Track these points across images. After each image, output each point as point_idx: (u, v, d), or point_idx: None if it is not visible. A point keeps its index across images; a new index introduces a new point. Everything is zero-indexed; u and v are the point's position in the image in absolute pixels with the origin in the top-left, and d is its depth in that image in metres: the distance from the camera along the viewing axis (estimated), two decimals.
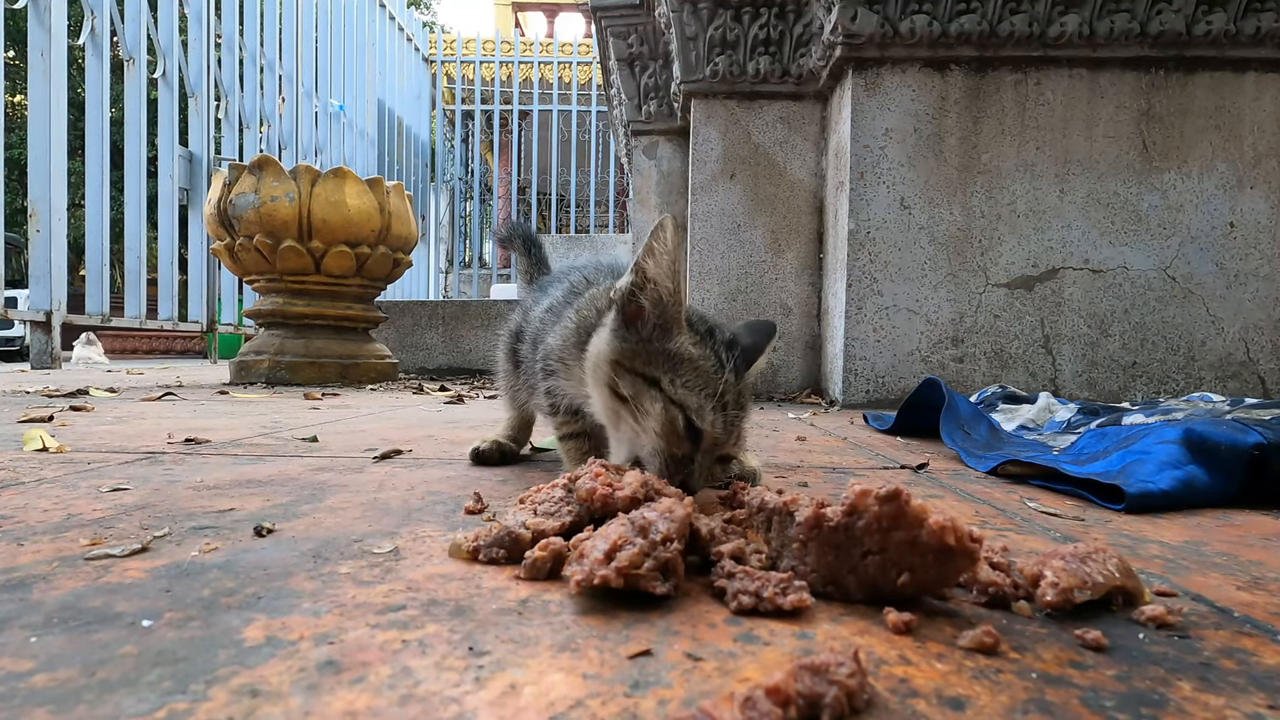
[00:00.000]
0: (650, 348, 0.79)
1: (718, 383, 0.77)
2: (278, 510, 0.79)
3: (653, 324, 0.79)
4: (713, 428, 0.77)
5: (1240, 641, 0.47)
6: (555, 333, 0.94)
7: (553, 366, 0.93)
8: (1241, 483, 0.95)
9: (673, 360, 0.78)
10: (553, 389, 0.95)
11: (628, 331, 0.80)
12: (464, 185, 10.38)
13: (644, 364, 0.79)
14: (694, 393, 0.77)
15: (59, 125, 4.53)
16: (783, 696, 0.35)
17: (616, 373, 0.79)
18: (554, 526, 0.64)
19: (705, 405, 0.76)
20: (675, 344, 0.79)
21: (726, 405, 0.78)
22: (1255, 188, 2.47)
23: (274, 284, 3.49)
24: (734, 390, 0.79)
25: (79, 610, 0.48)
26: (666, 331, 0.79)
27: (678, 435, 0.76)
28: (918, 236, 2.53)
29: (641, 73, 3.74)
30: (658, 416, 0.76)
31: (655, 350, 0.79)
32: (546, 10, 13.43)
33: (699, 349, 0.80)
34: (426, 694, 0.38)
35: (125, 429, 1.55)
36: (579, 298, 1.02)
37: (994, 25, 2.46)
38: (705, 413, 0.76)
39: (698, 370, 0.78)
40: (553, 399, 0.96)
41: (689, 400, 0.76)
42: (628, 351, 0.80)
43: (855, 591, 0.53)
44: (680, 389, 0.77)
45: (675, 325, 0.79)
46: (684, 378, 0.77)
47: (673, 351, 0.79)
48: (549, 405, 0.97)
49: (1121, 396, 2.49)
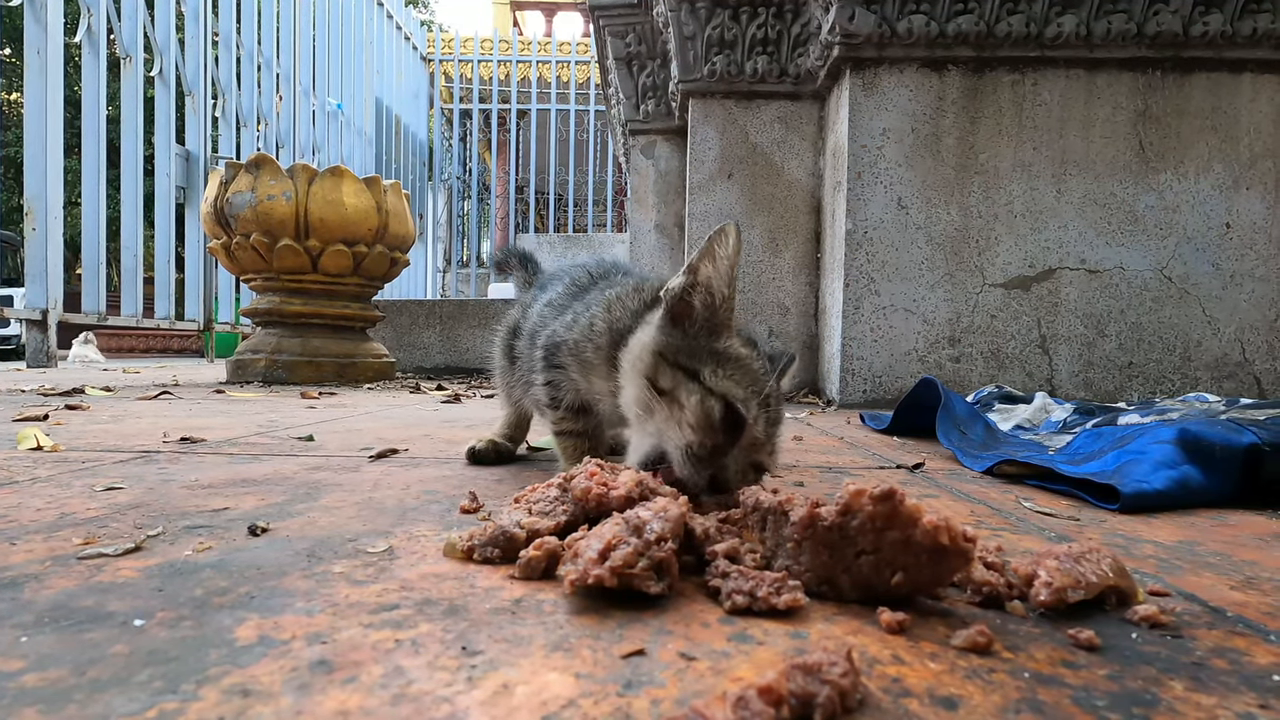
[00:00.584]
0: (695, 344, 0.80)
1: (763, 382, 0.78)
2: (272, 509, 0.79)
3: (700, 323, 0.81)
4: (755, 421, 0.76)
5: (1233, 641, 0.47)
6: (569, 324, 0.94)
7: (561, 359, 0.92)
8: (1236, 483, 0.95)
9: (718, 356, 0.79)
10: (557, 381, 0.94)
11: (673, 329, 0.81)
12: (462, 184, 10.36)
13: (687, 358, 0.79)
14: (739, 385, 0.77)
15: (55, 123, 4.51)
16: (775, 696, 0.35)
17: (658, 364, 0.79)
18: (549, 526, 0.63)
19: (751, 398, 0.76)
20: (722, 344, 0.80)
21: (769, 406, 0.78)
22: (1251, 189, 2.48)
23: (271, 283, 3.48)
24: (776, 397, 0.80)
25: (71, 609, 0.48)
26: (715, 333, 0.81)
27: (712, 426, 0.75)
28: (915, 236, 2.53)
29: (639, 72, 3.74)
30: (693, 408, 0.75)
31: (700, 347, 0.80)
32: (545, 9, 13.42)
33: (746, 350, 0.81)
34: (419, 693, 0.38)
35: (121, 428, 1.55)
36: (584, 293, 1.02)
37: (991, 26, 2.46)
38: (751, 404, 0.76)
39: (743, 367, 0.79)
40: (555, 391, 0.95)
41: (733, 390, 0.76)
42: (672, 346, 0.80)
43: (849, 591, 0.53)
44: (724, 380, 0.77)
45: (724, 328, 0.81)
46: (728, 370, 0.78)
47: (719, 350, 0.80)
48: (549, 398, 0.96)
49: (1118, 396, 2.49)
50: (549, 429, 1.03)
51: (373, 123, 8.67)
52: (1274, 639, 0.48)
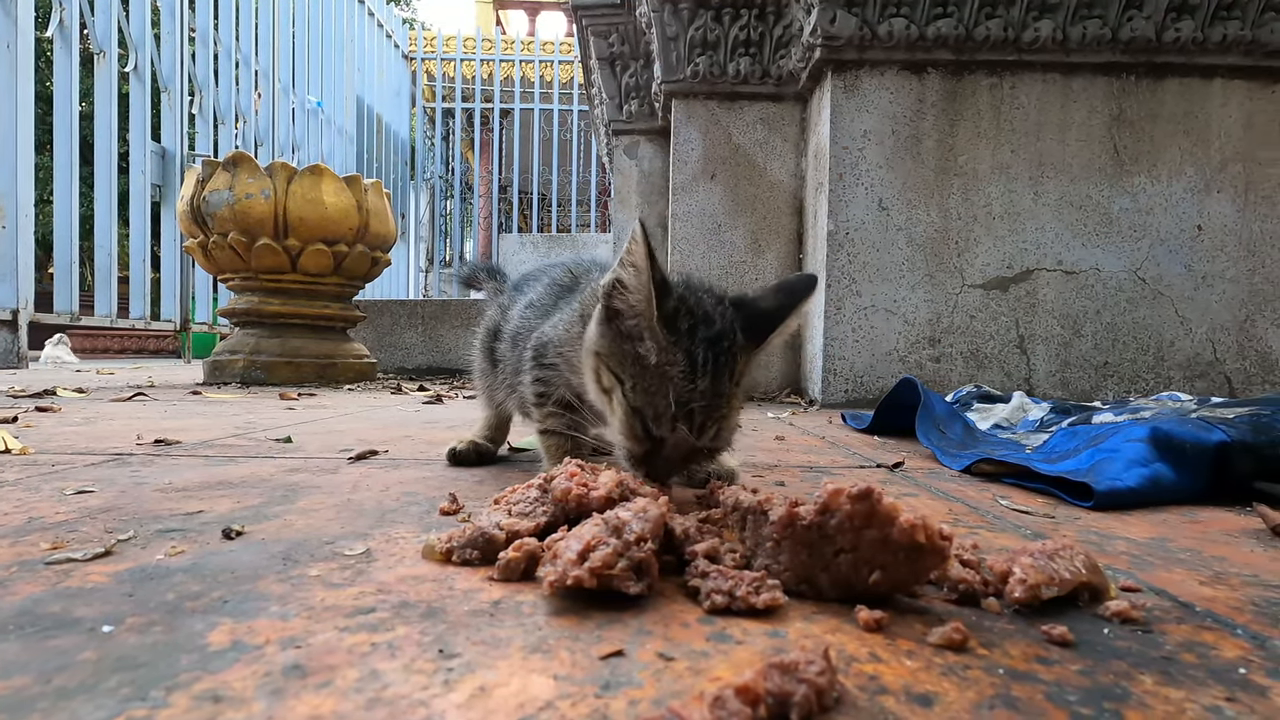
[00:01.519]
0: (622, 348, 0.78)
1: (684, 389, 0.75)
2: (248, 512, 0.78)
3: (629, 324, 0.79)
4: (673, 433, 0.75)
5: (1201, 636, 0.48)
6: (555, 323, 0.94)
7: (550, 359, 0.93)
8: (1206, 480, 0.97)
9: (638, 364, 0.77)
10: (548, 379, 0.94)
11: (608, 327, 0.80)
12: (444, 184, 10.29)
13: (616, 363, 0.79)
14: (653, 399, 0.76)
15: (25, 119, 4.42)
16: (752, 695, 0.35)
17: (598, 365, 0.80)
18: (529, 527, 0.63)
19: (664, 414, 0.75)
20: (644, 348, 0.77)
21: (694, 411, 0.76)
22: (1222, 191, 2.53)
23: (249, 282, 3.43)
24: (709, 394, 0.76)
25: (37, 616, 0.47)
26: (639, 337, 0.78)
27: (636, 436, 0.77)
28: (895, 238, 2.56)
29: (623, 72, 3.74)
30: (620, 417, 0.78)
31: (626, 352, 0.78)
32: (528, 8, 13.37)
33: (668, 353, 0.76)
34: (394, 697, 0.37)
35: (93, 430, 1.52)
36: (568, 291, 1.01)
37: (970, 29, 2.49)
38: (663, 421, 0.75)
39: (662, 376, 0.76)
40: (544, 388, 0.95)
41: (645, 408, 0.76)
42: (605, 348, 0.80)
43: (828, 590, 0.53)
44: (639, 395, 0.76)
45: (647, 331, 0.78)
46: (645, 383, 0.76)
47: (639, 355, 0.77)
48: (536, 396, 0.96)
49: (1093, 395, 2.53)
50: (534, 428, 1.02)
51: (354, 121, 8.58)
52: (1241, 633, 0.49)
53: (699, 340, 0.77)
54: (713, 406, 0.77)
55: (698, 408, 0.76)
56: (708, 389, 0.76)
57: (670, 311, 0.78)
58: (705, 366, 0.76)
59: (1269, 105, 2.52)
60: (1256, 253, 2.52)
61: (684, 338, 0.77)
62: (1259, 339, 2.52)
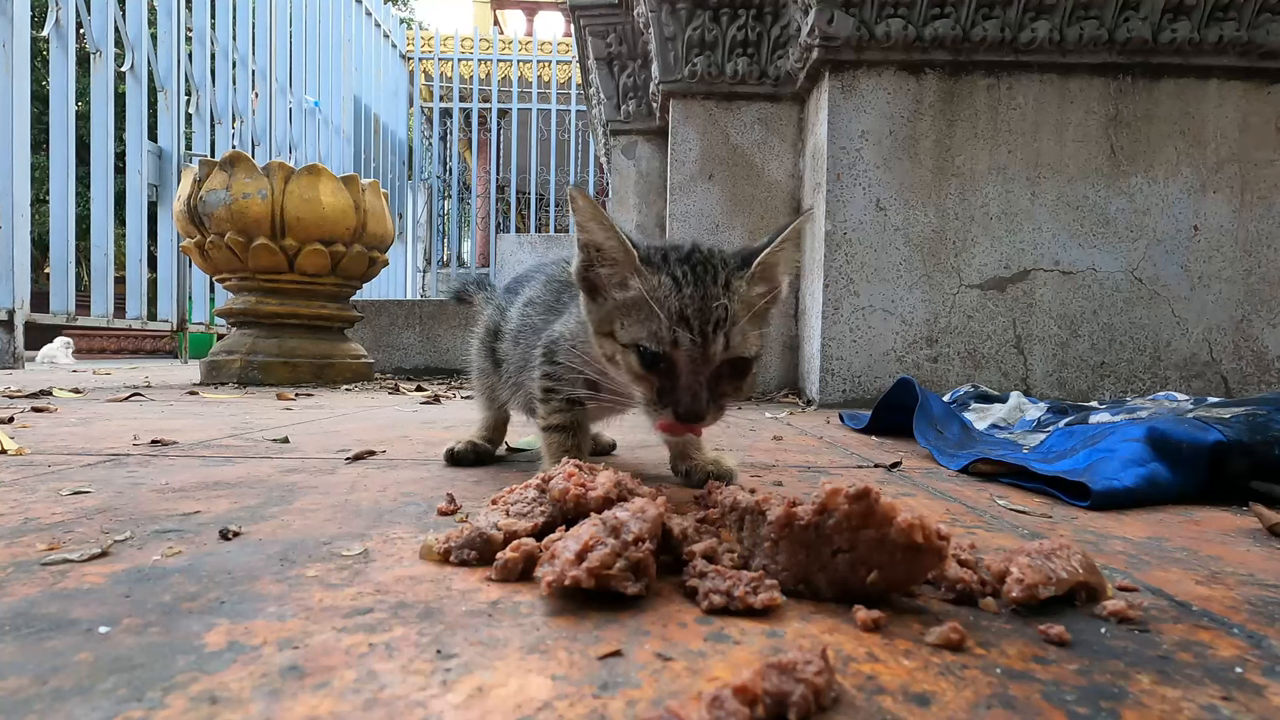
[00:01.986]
0: (608, 307, 0.81)
1: (674, 300, 0.75)
2: (245, 513, 0.78)
3: (614, 285, 0.80)
4: (675, 346, 0.75)
5: (1198, 635, 0.48)
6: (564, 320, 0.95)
7: (561, 355, 0.93)
8: (1202, 480, 0.97)
9: (624, 307, 0.79)
10: (559, 374, 0.94)
11: (594, 305, 0.83)
12: (442, 183, 10.27)
13: (607, 324, 0.81)
14: (642, 324, 0.76)
15: (22, 119, 4.40)
16: (750, 695, 0.35)
17: (599, 341, 0.82)
18: (526, 527, 0.63)
19: (660, 329, 0.75)
20: (627, 291, 0.79)
21: (688, 318, 0.75)
22: (1218, 192, 2.54)
23: (246, 282, 3.42)
24: (697, 298, 0.76)
25: (32, 617, 0.47)
26: (623, 284, 0.80)
27: (640, 374, 0.77)
28: (893, 238, 2.56)
29: (620, 72, 3.74)
30: (624, 365, 0.78)
31: (612, 308, 0.80)
32: (526, 8, 13.37)
33: (650, 280, 0.78)
34: (391, 698, 0.37)
35: (89, 430, 1.51)
36: (568, 287, 1.01)
37: (967, 30, 2.49)
38: (660, 335, 0.75)
39: (651, 300, 0.76)
40: (554, 383, 0.95)
41: (638, 333, 0.76)
42: (597, 320, 0.82)
43: (826, 590, 0.53)
44: (629, 328, 0.77)
45: (628, 270, 0.79)
46: (633, 316, 0.77)
47: (623, 300, 0.79)
48: (543, 392, 0.96)
49: (1090, 395, 2.54)
50: (538, 425, 1.01)
51: (351, 121, 8.57)
52: (1237, 632, 0.49)
53: (674, 262, 0.79)
54: (707, 310, 0.75)
55: (691, 313, 0.75)
56: (693, 294, 0.76)
57: (645, 251, 0.80)
58: (687, 278, 0.77)
59: (1265, 106, 2.53)
60: (1252, 253, 2.53)
61: (661, 266, 0.79)
62: (1255, 339, 2.53)
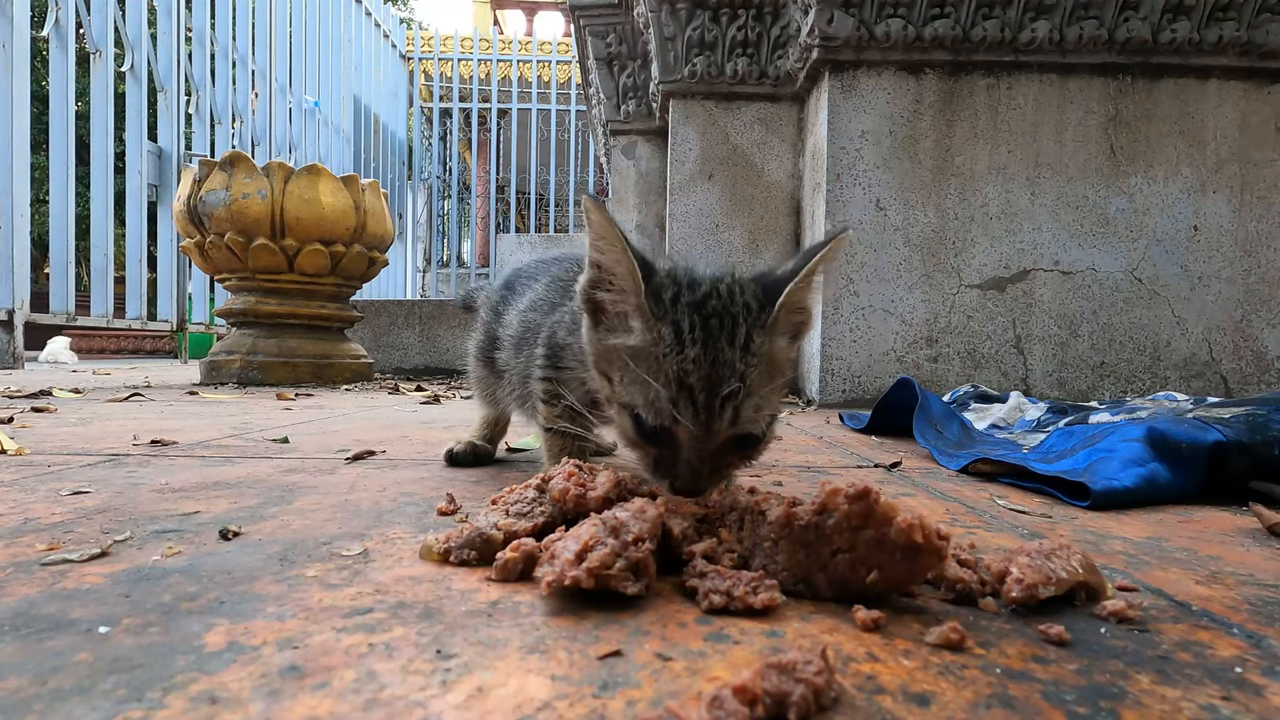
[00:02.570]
0: (608, 344, 0.71)
1: (676, 364, 0.64)
2: (245, 513, 0.78)
3: (616, 315, 0.71)
4: (676, 423, 0.64)
5: (1197, 635, 0.48)
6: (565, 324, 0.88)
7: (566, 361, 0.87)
8: (1202, 480, 0.97)
9: (623, 355, 0.68)
10: (561, 379, 0.89)
11: (595, 333, 0.73)
12: (442, 184, 10.28)
13: (606, 365, 0.71)
14: (640, 386, 0.65)
15: (21, 119, 4.40)
16: (749, 695, 0.35)
17: (599, 381, 0.73)
18: (526, 527, 0.63)
19: (659, 399, 0.64)
20: (629, 335, 0.69)
21: (692, 389, 0.64)
22: (1218, 192, 2.54)
23: (246, 282, 3.42)
24: (706, 363, 0.64)
25: (32, 617, 0.47)
26: (625, 324, 0.69)
27: (632, 439, 0.69)
28: (893, 238, 2.56)
29: (620, 72, 3.74)
30: (618, 424, 0.70)
31: (610, 347, 0.70)
32: (525, 8, 13.37)
33: (650, 330, 0.66)
34: (391, 698, 0.37)
35: (89, 430, 1.51)
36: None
37: (967, 30, 2.49)
38: (659, 406, 0.64)
39: (648, 357, 0.65)
40: (555, 388, 0.90)
41: (635, 398, 0.66)
42: (595, 353, 0.73)
43: (825, 590, 0.53)
44: (626, 386, 0.67)
45: (634, 311, 0.68)
46: (631, 372, 0.66)
47: (620, 344, 0.69)
48: (546, 395, 0.91)
49: (1090, 395, 2.54)
50: (539, 426, 0.98)
51: (350, 121, 8.57)
52: (1237, 632, 0.49)
53: (684, 308, 0.67)
54: (716, 379, 0.64)
55: (696, 383, 0.64)
56: (700, 357, 0.64)
57: (657, 284, 0.68)
58: (695, 333, 0.65)
59: (1264, 106, 2.53)
60: (1252, 253, 2.53)
61: (668, 308, 0.67)
62: (1254, 339, 2.53)
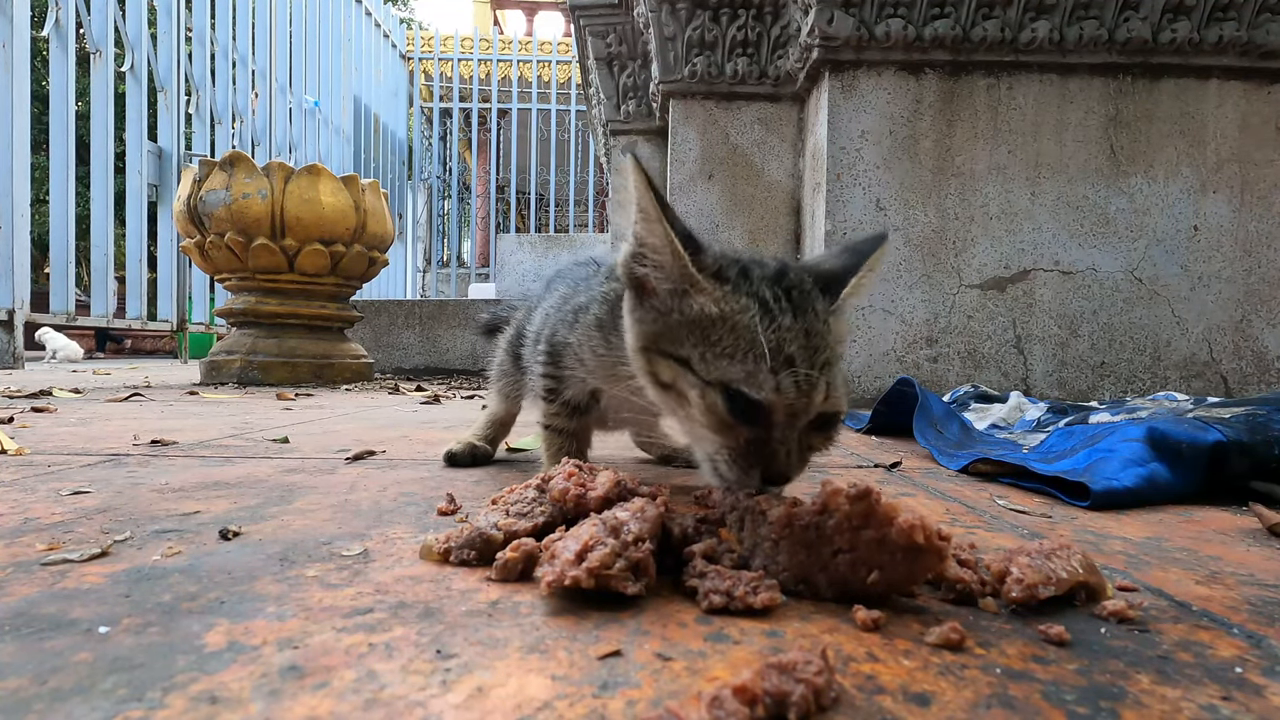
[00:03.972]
0: (670, 320, 0.65)
1: (771, 332, 0.60)
2: (245, 513, 0.78)
3: (667, 291, 0.66)
4: (778, 394, 0.59)
5: (1197, 635, 0.48)
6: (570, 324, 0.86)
7: (566, 361, 0.87)
8: (1202, 480, 0.97)
9: (699, 327, 0.63)
10: (561, 376, 0.89)
11: (644, 310, 0.68)
12: (442, 183, 10.28)
13: (670, 343, 0.65)
14: (735, 360, 0.60)
15: (21, 119, 4.41)
16: (750, 695, 0.35)
17: (650, 361, 0.67)
18: (526, 527, 0.63)
19: (758, 369, 0.59)
20: (697, 306, 0.64)
21: (793, 358, 0.60)
22: (1218, 192, 2.54)
23: (246, 282, 3.43)
24: (800, 332, 0.61)
25: (32, 617, 0.47)
26: (684, 295, 0.65)
27: (725, 424, 0.62)
28: (893, 238, 2.56)
29: (620, 72, 3.74)
30: (699, 407, 0.62)
31: (676, 323, 0.65)
32: (525, 8, 13.37)
33: (729, 301, 0.63)
34: (391, 698, 0.37)
35: (89, 430, 1.51)
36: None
37: (967, 30, 2.49)
38: (760, 378, 0.59)
39: (735, 328, 0.61)
40: (555, 385, 0.90)
41: (731, 372, 0.60)
42: (650, 334, 0.67)
43: (826, 590, 0.53)
44: (714, 362, 0.61)
45: (690, 284, 0.64)
46: (717, 346, 0.62)
47: (695, 317, 0.63)
48: (546, 391, 0.92)
49: (1090, 396, 2.54)
50: (539, 423, 0.99)
51: (351, 121, 8.57)
52: (1237, 632, 0.49)
53: (756, 279, 0.64)
54: (812, 348, 0.60)
55: (797, 351, 0.60)
56: (793, 325, 0.61)
57: (711, 262, 0.65)
58: (780, 302, 0.62)
59: (1264, 106, 2.53)
60: (1252, 253, 2.53)
61: (740, 281, 0.64)
62: (1255, 339, 2.53)
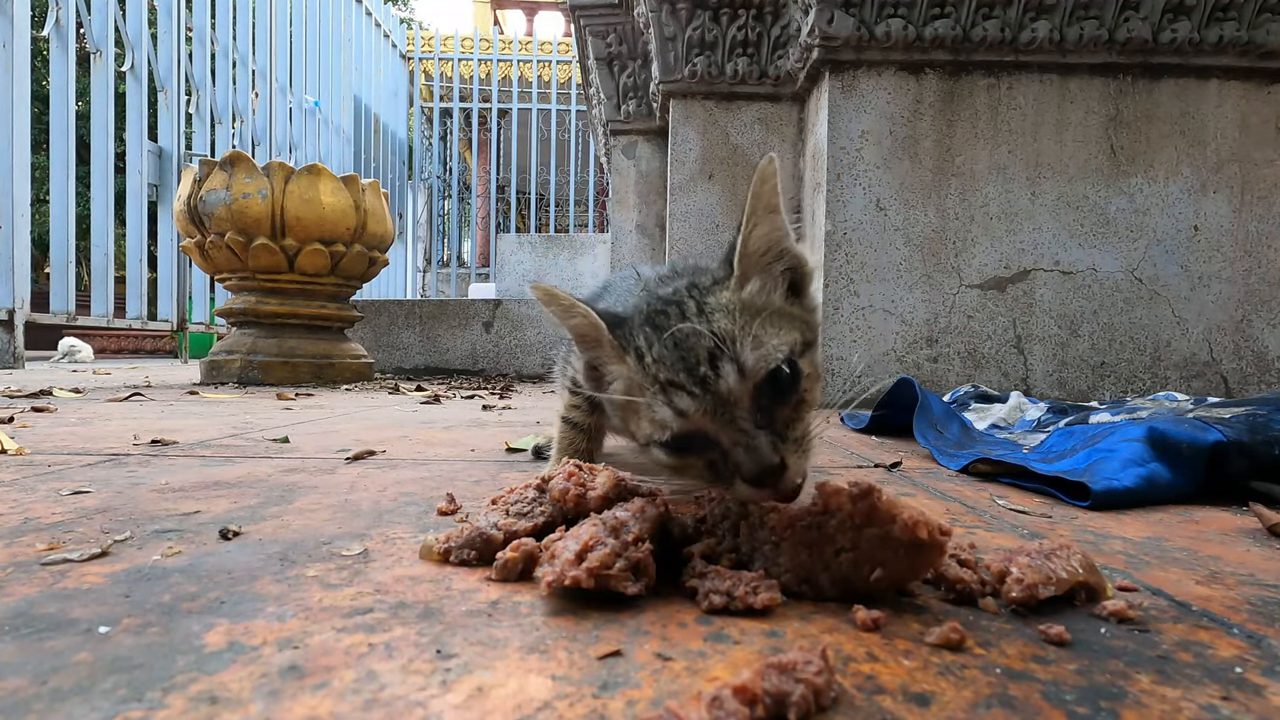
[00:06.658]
0: (616, 406, 0.70)
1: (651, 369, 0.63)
2: (245, 512, 0.78)
3: (606, 377, 0.71)
4: (684, 416, 0.61)
5: (1197, 635, 0.48)
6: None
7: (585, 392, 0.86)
8: (1202, 480, 0.97)
9: (623, 407, 0.69)
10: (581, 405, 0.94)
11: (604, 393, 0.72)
12: (442, 183, 10.28)
13: (622, 425, 0.73)
14: (642, 415, 0.65)
15: (22, 118, 4.41)
16: (749, 695, 0.35)
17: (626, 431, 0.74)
18: (526, 527, 0.63)
19: (657, 412, 0.63)
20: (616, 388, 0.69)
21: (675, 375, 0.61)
22: (1218, 192, 2.54)
23: (246, 282, 3.42)
24: (672, 347, 0.62)
25: (32, 617, 0.47)
26: (611, 378, 0.70)
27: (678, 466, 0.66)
28: (893, 238, 2.56)
29: (620, 72, 3.74)
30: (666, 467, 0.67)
31: (620, 407, 0.70)
32: (526, 8, 13.37)
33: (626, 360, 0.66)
34: (391, 698, 0.37)
35: (89, 430, 1.51)
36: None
37: (967, 30, 2.49)
38: (663, 417, 0.62)
39: (637, 389, 0.65)
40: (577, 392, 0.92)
41: (647, 431, 0.65)
42: (616, 421, 0.74)
43: (829, 589, 0.53)
44: (639, 427, 0.66)
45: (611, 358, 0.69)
46: (634, 412, 0.66)
47: (616, 399, 0.69)
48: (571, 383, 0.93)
49: (1091, 396, 2.54)
50: (558, 413, 1.00)
51: (351, 121, 8.57)
52: (1237, 632, 0.49)
53: (638, 329, 0.66)
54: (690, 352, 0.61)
55: (669, 367, 0.62)
56: (664, 348, 0.63)
57: (616, 321, 0.68)
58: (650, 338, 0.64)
59: (1264, 106, 2.53)
60: (1253, 253, 2.53)
61: (629, 340, 0.66)
62: (1255, 339, 2.53)
